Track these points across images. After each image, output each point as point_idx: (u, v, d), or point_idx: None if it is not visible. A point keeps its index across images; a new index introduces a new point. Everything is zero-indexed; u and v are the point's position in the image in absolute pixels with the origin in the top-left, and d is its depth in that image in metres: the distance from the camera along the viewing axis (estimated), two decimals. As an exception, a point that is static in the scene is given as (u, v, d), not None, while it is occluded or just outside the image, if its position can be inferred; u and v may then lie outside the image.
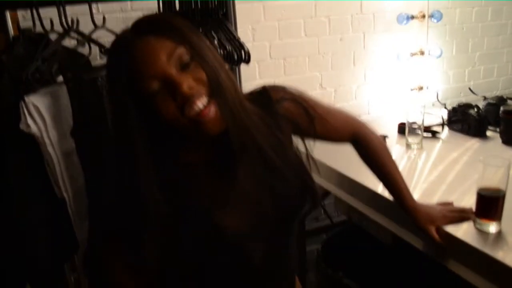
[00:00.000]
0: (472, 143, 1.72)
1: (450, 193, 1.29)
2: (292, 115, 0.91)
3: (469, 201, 1.20)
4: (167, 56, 0.72)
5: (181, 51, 0.73)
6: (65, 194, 1.24)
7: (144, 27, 0.74)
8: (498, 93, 2.50)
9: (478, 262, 1.01)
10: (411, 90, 2.21)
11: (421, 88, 2.22)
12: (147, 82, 0.72)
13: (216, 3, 1.41)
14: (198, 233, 0.79)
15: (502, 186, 1.02)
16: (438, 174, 1.45)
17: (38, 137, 1.15)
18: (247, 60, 1.46)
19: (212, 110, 0.74)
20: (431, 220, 1.06)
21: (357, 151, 1.10)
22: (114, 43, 0.77)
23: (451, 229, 1.07)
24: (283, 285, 0.93)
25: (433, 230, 1.05)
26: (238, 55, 1.44)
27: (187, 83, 0.72)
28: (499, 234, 1.05)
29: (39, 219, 1.22)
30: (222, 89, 0.76)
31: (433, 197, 1.27)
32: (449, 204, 1.14)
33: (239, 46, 1.45)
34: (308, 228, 2.04)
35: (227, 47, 1.43)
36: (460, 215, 1.08)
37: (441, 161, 1.56)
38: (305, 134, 0.93)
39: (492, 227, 1.05)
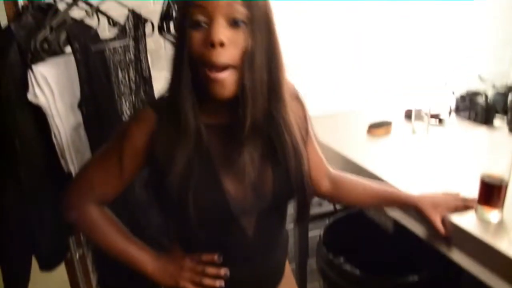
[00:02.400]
0: (479, 132, 1.71)
1: (455, 181, 1.29)
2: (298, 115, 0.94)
3: (473, 190, 1.20)
4: (227, 3, 0.74)
5: (241, 9, 0.75)
6: (71, 168, 1.25)
7: None
8: (509, 82, 2.46)
9: (479, 251, 1.01)
10: (420, 75, 2.18)
11: (430, 75, 2.20)
12: (198, 10, 0.74)
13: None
14: (207, 196, 0.82)
15: (505, 176, 1.02)
16: (443, 161, 1.45)
17: (45, 108, 1.16)
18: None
19: (225, 75, 0.76)
20: (435, 206, 1.06)
21: (337, 192, 1.11)
22: None
23: (453, 217, 1.07)
24: (272, 260, 0.98)
25: (438, 221, 1.05)
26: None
27: (223, 36, 0.74)
28: (500, 223, 1.05)
29: (45, 191, 1.23)
30: (252, 66, 0.77)
31: (438, 184, 1.27)
32: (454, 193, 1.13)
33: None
34: (311, 213, 2.04)
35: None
36: (464, 204, 1.08)
37: (447, 148, 1.56)
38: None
39: (494, 216, 1.05)
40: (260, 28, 0.78)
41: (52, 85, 1.16)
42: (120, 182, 0.90)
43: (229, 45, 0.75)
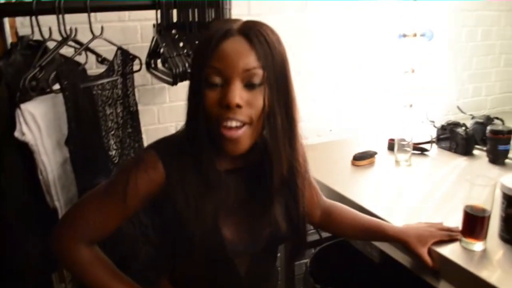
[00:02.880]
0: (460, 161, 1.76)
1: (438, 211, 1.31)
2: None
3: (456, 220, 1.22)
4: (244, 68, 0.76)
5: (258, 73, 0.77)
6: (57, 203, 1.24)
7: (249, 30, 0.78)
8: (486, 112, 2.55)
9: (464, 280, 1.02)
10: (403, 106, 2.24)
11: (411, 106, 2.26)
12: (214, 71, 0.77)
13: (213, 15, 1.43)
14: (204, 239, 0.84)
15: (487, 206, 1.05)
16: (426, 192, 1.48)
17: (32, 145, 1.16)
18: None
19: (240, 132, 0.78)
20: (422, 241, 1.07)
21: (328, 222, 1.14)
22: (219, 24, 0.82)
23: (438, 247, 1.08)
24: None
25: (426, 254, 1.06)
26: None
27: (239, 99, 0.76)
28: (484, 252, 1.07)
29: (30, 227, 1.22)
30: (274, 126, 0.80)
31: (421, 215, 1.29)
32: (437, 223, 1.15)
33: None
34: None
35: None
36: (449, 234, 1.10)
37: (429, 179, 1.59)
38: None
39: (478, 246, 1.07)
40: (277, 85, 0.79)
41: (39, 122, 1.16)
42: (116, 224, 0.89)
43: (245, 106, 0.77)
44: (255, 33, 0.78)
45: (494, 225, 1.11)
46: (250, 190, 0.89)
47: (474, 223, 1.07)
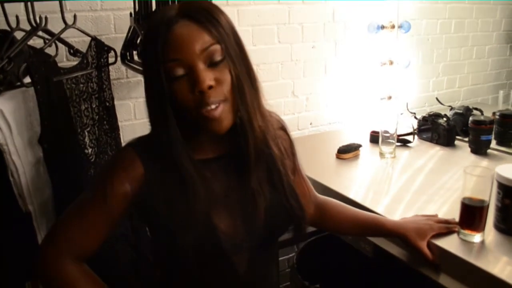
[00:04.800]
0: (443, 152, 1.76)
1: (430, 202, 1.30)
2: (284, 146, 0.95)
3: (448, 211, 1.22)
4: (201, 48, 0.74)
5: (216, 48, 0.75)
6: (30, 207, 1.14)
7: (190, 11, 0.76)
8: (460, 103, 2.59)
9: (463, 272, 1.01)
10: (381, 99, 2.24)
11: (390, 98, 2.26)
12: (174, 64, 0.74)
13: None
14: (196, 232, 0.78)
15: (485, 197, 1.03)
16: (415, 184, 1.46)
17: (2, 144, 1.06)
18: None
19: (219, 110, 0.76)
20: (421, 234, 1.04)
21: (322, 218, 1.12)
22: (158, 17, 0.78)
23: (436, 240, 1.06)
24: None
25: (426, 248, 1.04)
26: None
27: (209, 80, 0.74)
28: (482, 243, 1.06)
29: (2, 233, 1.12)
30: (243, 98, 0.78)
31: (412, 207, 1.27)
32: (433, 216, 1.14)
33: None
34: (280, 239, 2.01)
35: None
36: (446, 226, 1.08)
37: (416, 170, 1.58)
38: None
39: (476, 238, 1.05)
40: (237, 57, 0.78)
41: (9, 119, 1.06)
42: (104, 233, 0.83)
43: (216, 85, 0.75)
44: (197, 11, 0.76)
45: (489, 216, 1.09)
46: (236, 177, 0.86)
47: (472, 214, 1.05)
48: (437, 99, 2.15)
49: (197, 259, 0.79)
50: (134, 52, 1.47)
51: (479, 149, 1.68)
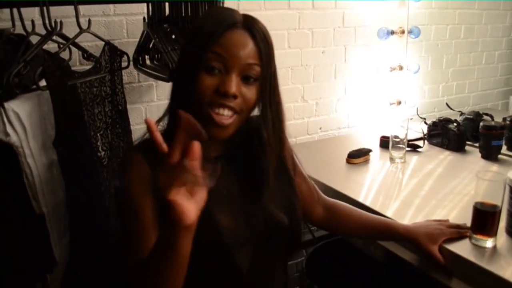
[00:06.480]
0: (453, 157, 1.75)
1: (439, 208, 1.30)
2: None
3: (458, 216, 1.21)
4: (246, 62, 0.79)
5: (257, 69, 0.81)
6: (44, 209, 1.15)
7: (253, 27, 0.81)
8: (469, 108, 2.58)
9: (475, 277, 1.01)
10: (390, 104, 2.23)
11: (399, 103, 2.25)
12: (217, 57, 0.78)
13: (206, 10, 1.37)
14: (198, 229, 0.75)
15: (497, 202, 1.03)
16: (426, 188, 1.46)
17: (17, 146, 1.07)
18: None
19: (230, 121, 0.80)
20: (433, 239, 1.04)
21: (332, 220, 1.12)
22: (222, 10, 0.86)
23: (447, 245, 1.06)
24: None
25: (437, 252, 1.04)
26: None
27: (237, 90, 0.79)
28: (494, 248, 1.05)
29: (14, 235, 1.13)
30: (266, 121, 0.85)
31: (422, 212, 1.27)
32: (444, 220, 1.13)
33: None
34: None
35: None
36: (458, 231, 1.08)
37: (426, 175, 1.58)
38: None
39: (489, 243, 1.05)
40: (269, 85, 0.83)
41: (24, 122, 1.08)
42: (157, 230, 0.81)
43: (239, 98, 0.80)
44: (257, 30, 0.81)
45: (501, 221, 1.09)
46: (238, 176, 0.89)
47: (484, 219, 1.05)
48: (447, 104, 2.15)
49: (199, 255, 0.79)
50: (147, 57, 1.49)
51: (489, 154, 1.68)
